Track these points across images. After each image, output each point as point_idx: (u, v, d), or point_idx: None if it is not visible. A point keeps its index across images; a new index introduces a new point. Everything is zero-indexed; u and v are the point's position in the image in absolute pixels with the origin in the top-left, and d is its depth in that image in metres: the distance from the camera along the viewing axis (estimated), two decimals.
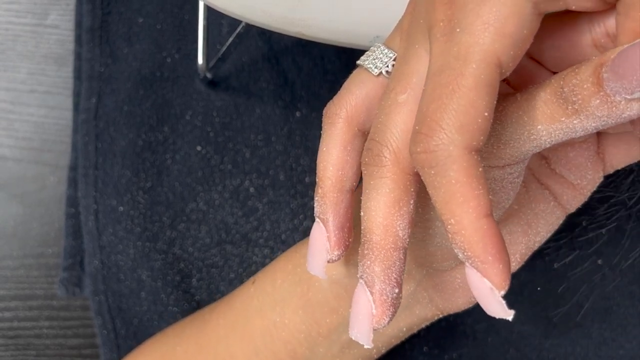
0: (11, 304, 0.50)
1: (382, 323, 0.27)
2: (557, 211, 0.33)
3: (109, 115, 0.49)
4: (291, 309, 0.35)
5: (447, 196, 0.24)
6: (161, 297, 0.47)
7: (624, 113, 0.23)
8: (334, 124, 0.30)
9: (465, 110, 0.24)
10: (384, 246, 0.27)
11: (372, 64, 0.29)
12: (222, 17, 0.50)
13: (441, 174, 0.24)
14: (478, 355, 0.45)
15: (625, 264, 0.45)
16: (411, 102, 0.27)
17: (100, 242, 0.48)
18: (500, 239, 0.24)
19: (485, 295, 0.25)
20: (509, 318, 0.25)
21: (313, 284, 0.34)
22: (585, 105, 0.23)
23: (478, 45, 0.24)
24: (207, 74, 0.48)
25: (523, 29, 0.24)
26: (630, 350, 0.45)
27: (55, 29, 0.52)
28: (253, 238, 0.47)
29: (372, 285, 0.27)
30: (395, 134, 0.27)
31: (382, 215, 0.27)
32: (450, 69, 0.24)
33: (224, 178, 0.48)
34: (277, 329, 0.36)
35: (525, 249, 0.33)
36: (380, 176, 0.27)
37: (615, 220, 0.45)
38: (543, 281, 0.46)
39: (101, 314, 0.48)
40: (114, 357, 0.47)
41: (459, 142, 0.24)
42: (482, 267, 0.24)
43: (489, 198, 0.24)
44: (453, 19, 0.25)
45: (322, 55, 0.49)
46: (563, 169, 0.31)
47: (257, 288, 0.37)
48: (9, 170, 0.51)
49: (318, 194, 0.30)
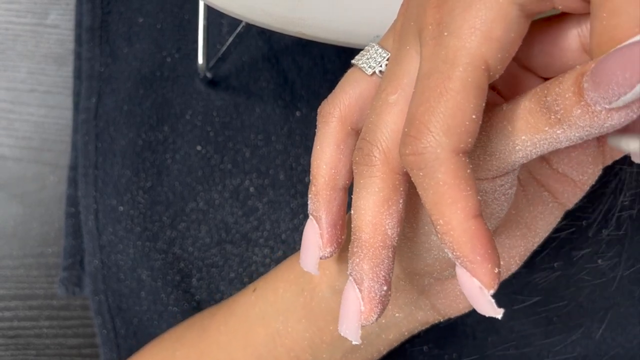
0: (11, 304, 0.50)
1: (370, 320, 0.28)
2: (555, 211, 0.33)
3: (109, 115, 0.49)
4: (294, 318, 0.35)
5: (435, 197, 0.25)
6: (161, 296, 0.47)
7: (606, 123, 0.23)
8: (327, 122, 0.30)
9: (452, 113, 0.24)
10: (373, 244, 0.27)
11: (365, 64, 0.30)
12: (222, 17, 0.50)
13: (429, 176, 0.25)
14: (478, 355, 0.45)
15: (626, 264, 0.45)
16: (402, 102, 0.27)
17: (100, 241, 0.48)
18: (489, 239, 0.25)
19: (475, 295, 0.25)
20: (499, 316, 0.25)
21: (316, 294, 0.34)
22: (567, 115, 0.23)
23: (465, 49, 0.24)
24: (207, 74, 0.48)
25: (510, 32, 0.24)
26: (630, 350, 0.45)
27: (55, 28, 0.52)
28: (253, 238, 0.47)
29: (360, 283, 0.27)
30: (386, 133, 0.27)
31: (371, 214, 0.27)
32: (438, 72, 0.24)
33: (224, 178, 0.48)
34: (281, 337, 0.36)
35: (524, 251, 0.33)
36: (369, 175, 0.27)
37: (615, 220, 0.45)
38: (543, 281, 0.45)
39: (101, 314, 0.48)
40: (113, 357, 0.47)
41: (447, 144, 0.24)
42: (470, 267, 0.25)
43: (477, 199, 0.24)
44: (441, 23, 0.25)
45: (322, 54, 0.49)
46: (566, 167, 0.31)
47: (258, 296, 0.37)
48: (9, 170, 0.51)
49: (311, 192, 0.30)
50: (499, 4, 0.24)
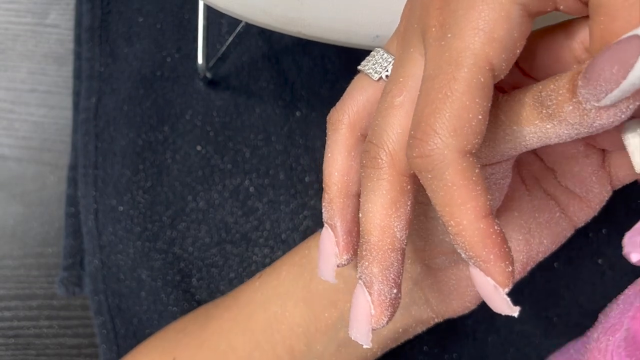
0: (11, 304, 0.50)
1: (380, 323, 0.28)
2: (563, 222, 0.33)
3: (108, 115, 0.49)
4: (293, 301, 0.36)
5: (445, 199, 0.25)
6: (161, 296, 0.47)
7: (595, 122, 0.23)
8: (337, 130, 0.30)
9: (458, 115, 0.24)
10: (382, 247, 0.27)
11: (372, 69, 0.30)
12: (222, 17, 0.50)
13: (438, 178, 0.25)
14: (478, 355, 0.45)
15: (625, 264, 0.45)
16: (407, 104, 0.27)
17: (100, 241, 0.48)
18: (502, 238, 0.25)
19: (489, 294, 0.25)
20: (515, 314, 0.25)
21: (316, 275, 0.35)
22: (558, 111, 0.24)
23: (469, 50, 0.24)
24: (207, 74, 0.48)
25: (513, 31, 0.24)
26: None
27: (55, 28, 0.52)
28: (253, 237, 0.47)
29: (370, 286, 0.27)
30: (392, 136, 0.27)
31: (380, 216, 0.27)
32: (443, 73, 0.25)
33: (223, 177, 0.48)
34: (278, 322, 0.36)
35: (527, 259, 0.33)
36: (377, 178, 0.27)
37: (615, 220, 0.45)
38: (543, 281, 0.46)
39: (101, 314, 0.48)
40: (113, 357, 0.47)
41: (453, 146, 0.24)
42: (484, 266, 0.25)
43: (487, 198, 0.25)
44: (445, 25, 0.25)
45: (322, 54, 0.49)
46: (569, 182, 0.32)
47: (262, 282, 0.38)
48: (9, 170, 0.51)
49: (325, 200, 0.31)
50: (501, 5, 0.24)
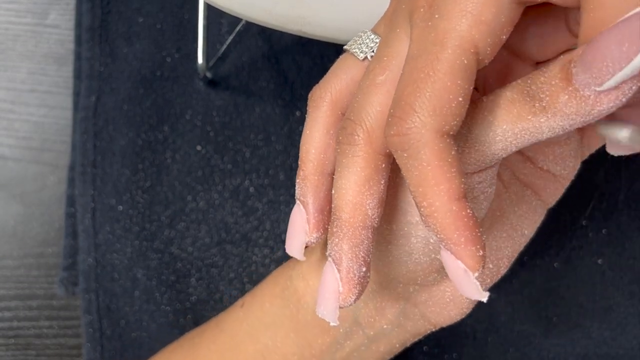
0: (11, 304, 0.50)
1: (348, 301, 0.27)
2: (539, 209, 0.33)
3: (108, 114, 0.49)
4: (282, 332, 0.35)
5: (419, 179, 0.24)
6: (155, 295, 0.47)
7: (594, 109, 0.22)
8: (318, 107, 0.30)
9: (439, 95, 0.24)
10: (353, 224, 0.27)
11: (357, 49, 0.29)
12: (221, 17, 0.50)
13: (413, 157, 0.24)
14: (478, 355, 0.45)
15: (625, 264, 0.45)
16: (389, 83, 0.27)
17: (96, 240, 0.48)
18: (474, 222, 0.24)
19: (459, 278, 0.25)
20: (484, 300, 0.25)
21: (302, 306, 0.34)
22: (553, 102, 0.23)
23: (455, 32, 0.24)
24: (207, 74, 0.48)
25: (501, 16, 0.24)
26: (630, 350, 0.45)
27: (55, 28, 0.52)
28: (253, 238, 0.47)
29: (339, 263, 0.27)
30: (371, 113, 0.27)
31: (352, 193, 0.27)
32: (427, 53, 0.24)
33: (223, 177, 0.48)
34: (270, 352, 0.35)
35: (512, 252, 0.33)
36: (352, 154, 0.27)
37: (614, 220, 0.45)
38: (543, 281, 0.45)
39: (89, 312, 0.47)
40: (96, 357, 0.47)
41: (431, 125, 0.24)
42: (455, 249, 0.24)
43: (461, 181, 0.24)
44: (433, 6, 0.25)
45: (322, 54, 0.49)
46: (549, 163, 0.31)
47: (246, 312, 0.37)
48: (9, 170, 0.51)
49: (299, 177, 0.30)
50: None
